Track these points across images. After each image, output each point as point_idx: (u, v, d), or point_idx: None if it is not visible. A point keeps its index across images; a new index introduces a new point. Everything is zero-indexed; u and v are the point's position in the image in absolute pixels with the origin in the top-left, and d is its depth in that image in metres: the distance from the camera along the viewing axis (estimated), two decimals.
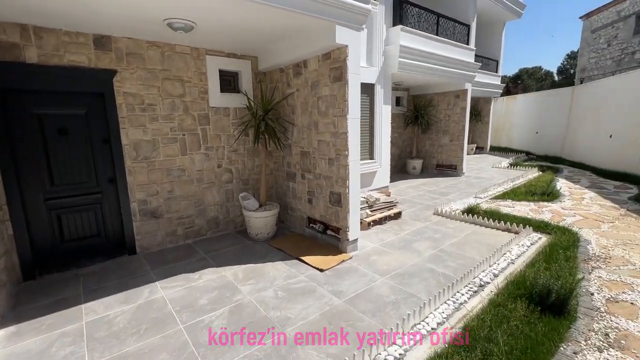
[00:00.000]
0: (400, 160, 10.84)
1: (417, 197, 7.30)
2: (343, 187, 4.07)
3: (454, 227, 5.17)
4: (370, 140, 7.04)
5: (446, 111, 10.02)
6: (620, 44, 16.23)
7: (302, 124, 4.66)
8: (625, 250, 4.04)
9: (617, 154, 9.44)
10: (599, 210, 5.82)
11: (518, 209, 6.05)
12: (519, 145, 16.36)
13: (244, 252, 4.34)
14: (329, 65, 3.99)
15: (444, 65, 8.17)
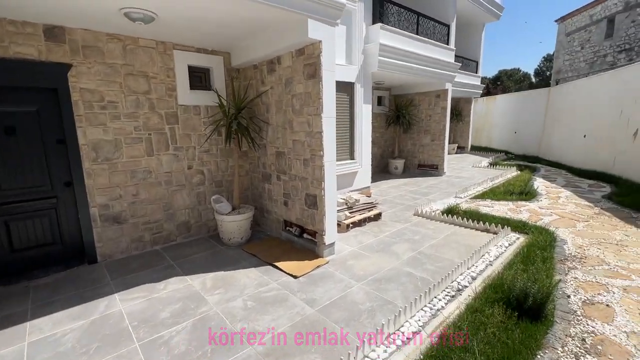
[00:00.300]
0: (383, 160, 10.79)
1: (398, 197, 7.23)
2: (318, 189, 3.90)
3: (434, 228, 5.09)
4: (350, 140, 6.91)
5: (427, 111, 10.03)
6: (592, 47, 16.81)
7: (276, 123, 4.46)
8: (600, 250, 4.05)
9: (590, 153, 9.70)
10: (574, 209, 5.89)
11: (497, 208, 6.06)
12: (498, 144, 16.68)
13: (215, 259, 4.10)
14: (303, 61, 3.81)
15: (425, 64, 8.15)
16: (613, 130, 8.65)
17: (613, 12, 15.41)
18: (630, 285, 3.17)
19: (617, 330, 2.52)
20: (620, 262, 3.71)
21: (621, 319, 2.66)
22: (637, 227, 4.87)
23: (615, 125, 8.56)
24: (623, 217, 5.32)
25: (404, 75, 7.83)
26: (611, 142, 8.71)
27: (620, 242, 4.31)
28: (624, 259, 3.79)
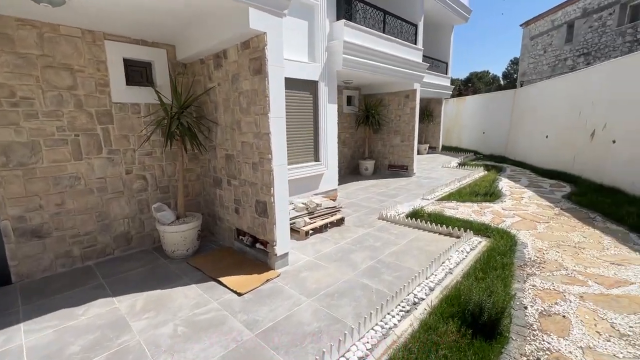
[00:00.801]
0: (353, 161, 10.59)
1: (365, 200, 7.02)
2: (268, 196, 3.56)
3: (397, 233, 4.90)
4: (315, 141, 6.61)
5: (397, 111, 9.93)
6: (554, 51, 17.51)
7: (225, 123, 4.08)
8: (559, 253, 3.99)
9: (552, 153, 9.97)
10: (536, 210, 5.91)
11: (462, 210, 5.97)
12: (468, 144, 17.01)
13: (153, 275, 3.67)
14: (248, 55, 3.46)
15: (392, 64, 8.00)
16: (573, 131, 8.90)
17: (572, 18, 16.10)
18: (587, 292, 3.07)
19: (573, 345, 2.37)
20: (577, 266, 3.64)
21: (577, 331, 2.52)
22: (594, 227, 4.90)
23: (575, 126, 8.81)
24: (581, 218, 5.37)
25: (371, 74, 7.63)
26: (571, 143, 8.96)
27: (578, 244, 4.28)
28: (582, 262, 3.72)
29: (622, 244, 4.25)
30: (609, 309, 2.78)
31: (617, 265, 3.63)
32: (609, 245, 4.22)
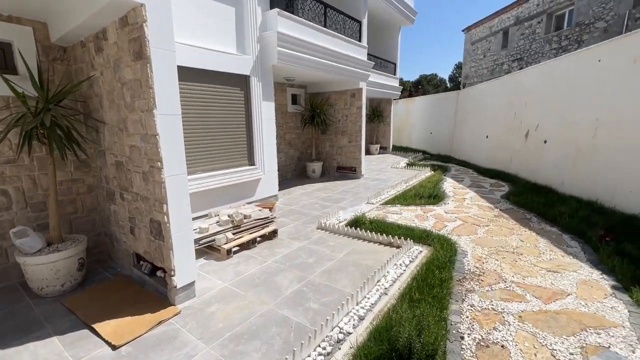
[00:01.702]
0: (300, 163, 10.03)
1: (308, 206, 6.48)
2: (161, 214, 2.83)
3: (334, 245, 4.40)
4: (248, 143, 5.92)
5: (343, 110, 9.56)
6: (492, 56, 18.56)
7: (111, 121, 3.25)
8: (497, 262, 3.76)
9: (492, 153, 10.30)
10: (477, 212, 5.81)
11: (405, 215, 5.68)
12: (417, 144, 17.37)
13: (5, 323, 2.74)
14: (127, 35, 2.70)
15: (335, 60, 7.56)
16: (509, 131, 9.21)
17: (507, 25, 17.15)
18: (525, 309, 2.79)
19: None
20: (516, 276, 3.41)
21: None
22: (530, 229, 4.84)
23: (511, 126, 9.11)
24: (518, 219, 5.33)
25: (312, 71, 7.11)
26: (508, 143, 9.27)
27: (516, 249, 4.12)
28: (520, 271, 3.51)
29: (557, 246, 4.16)
30: (548, 330, 2.49)
31: (553, 272, 3.46)
32: (544, 249, 4.11)
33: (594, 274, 3.40)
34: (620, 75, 5.35)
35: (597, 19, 12.11)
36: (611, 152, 5.48)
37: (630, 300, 2.87)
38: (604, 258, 3.63)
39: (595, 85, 5.89)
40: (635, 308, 2.74)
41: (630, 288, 2.99)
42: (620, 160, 5.28)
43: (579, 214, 5.07)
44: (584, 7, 12.61)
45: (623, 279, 3.16)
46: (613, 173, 5.41)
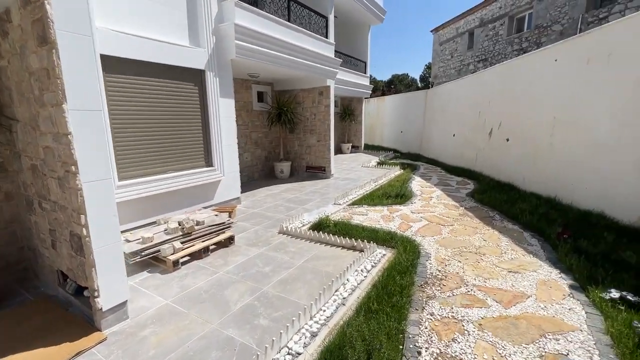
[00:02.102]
0: (268, 163, 9.67)
1: (272, 208, 6.17)
2: (80, 226, 2.42)
3: (295, 251, 4.14)
4: (205, 143, 5.51)
5: (312, 109, 9.31)
6: (459, 56, 19.05)
7: (24, 118, 2.78)
8: (460, 264, 3.66)
9: (459, 151, 10.46)
10: (442, 210, 5.76)
11: (371, 216, 5.51)
12: (388, 143, 17.49)
13: None
14: (30, 15, 2.27)
15: (300, 57, 7.28)
16: (474, 129, 9.37)
17: (472, 27, 17.65)
18: (486, 315, 2.66)
19: None
20: (478, 278, 3.31)
21: None
22: (493, 227, 4.83)
23: (476, 125, 9.27)
24: (482, 217, 5.32)
25: (276, 67, 6.79)
26: (473, 141, 9.43)
27: (479, 249, 4.05)
28: (482, 273, 3.42)
29: (518, 245, 4.14)
30: (508, 339, 2.37)
31: (514, 273, 3.39)
32: (506, 248, 4.07)
33: (552, 273, 3.37)
34: (575, 75, 5.48)
35: (554, 22, 12.67)
36: (567, 149, 5.62)
37: (587, 300, 2.83)
38: (562, 256, 3.62)
39: (552, 84, 6.03)
40: (592, 309, 2.70)
41: (587, 287, 2.95)
42: (576, 158, 5.41)
43: (539, 211, 5.13)
44: (542, 11, 13.16)
45: (580, 278, 3.14)
46: (570, 170, 5.54)
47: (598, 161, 4.97)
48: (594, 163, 5.05)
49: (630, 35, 4.49)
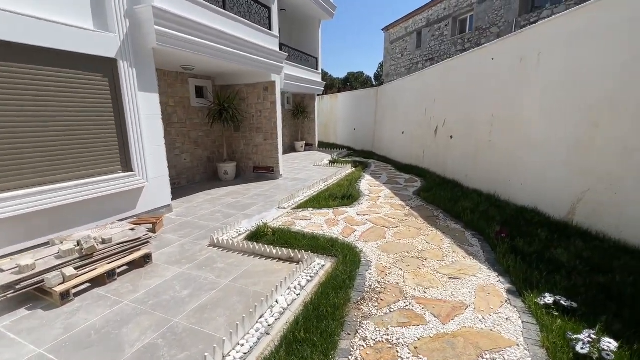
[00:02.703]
0: (211, 164, 8.92)
1: (208, 216, 5.55)
2: None
3: (223, 268, 3.63)
4: (121, 145, 4.74)
5: (257, 105, 8.73)
6: (409, 55, 19.54)
7: None
8: (402, 272, 3.43)
9: (408, 149, 10.57)
10: (388, 211, 5.59)
11: (315, 220, 5.16)
12: (342, 141, 17.41)
13: None
14: None
15: (239, 48, 6.68)
16: (421, 127, 9.47)
17: (420, 27, 18.15)
18: (423, 335, 2.41)
19: None
20: (417, 288, 3.08)
21: None
22: (437, 228, 4.73)
23: (423, 122, 9.37)
24: (426, 217, 5.23)
25: (211, 59, 6.13)
26: (421, 138, 9.54)
27: (421, 253, 3.88)
28: (422, 282, 3.21)
29: (459, 246, 4.05)
30: None
31: (454, 279, 3.23)
32: (448, 250, 3.95)
33: (491, 277, 3.26)
34: (510, 74, 5.59)
35: (492, 25, 13.36)
36: (505, 147, 5.74)
37: (523, 306, 2.72)
38: (499, 257, 3.55)
39: (490, 83, 6.14)
40: (529, 317, 2.57)
41: (523, 292, 2.85)
42: (512, 155, 5.53)
43: (480, 209, 5.16)
44: (482, 14, 13.82)
45: (517, 281, 3.05)
46: (507, 167, 5.66)
47: (531, 158, 5.10)
48: (527, 160, 5.18)
49: (555, 34, 4.61)
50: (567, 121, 4.45)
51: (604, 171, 3.92)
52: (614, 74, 3.80)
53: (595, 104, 4.04)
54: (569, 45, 4.42)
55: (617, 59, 3.76)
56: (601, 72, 3.95)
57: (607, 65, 3.89)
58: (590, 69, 4.10)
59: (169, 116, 7.56)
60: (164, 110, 7.35)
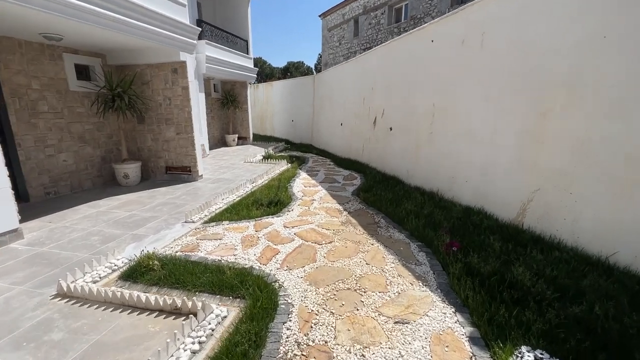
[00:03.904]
0: (106, 165, 7.06)
1: (79, 240, 4.00)
2: None
3: (63, 338, 2.30)
4: None
5: (164, 91, 7.08)
6: (346, 44, 18.92)
7: None
8: (333, 318, 2.49)
9: (347, 141, 9.82)
10: (323, 219, 4.65)
11: (227, 239, 3.99)
12: (280, 133, 16.20)
13: None
14: None
15: (124, 13, 5.04)
16: (360, 118, 8.76)
17: (357, 14, 17.58)
18: None
19: None
20: (353, 349, 2.16)
21: None
22: (378, 239, 3.92)
23: (361, 113, 8.66)
24: (366, 225, 4.41)
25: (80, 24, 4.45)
26: (360, 130, 8.83)
27: (359, 281, 2.99)
28: (360, 336, 2.29)
29: (405, 266, 3.26)
30: None
31: (401, 325, 2.38)
32: (392, 273, 3.13)
33: (447, 314, 2.49)
34: (452, 58, 5.00)
35: (426, 14, 13.24)
36: (447, 140, 5.18)
37: None
38: (453, 282, 2.83)
39: (430, 68, 5.52)
40: None
41: (491, 343, 2.10)
42: (455, 148, 4.99)
43: (424, 212, 4.50)
44: (416, 2, 13.62)
45: (480, 323, 2.30)
46: (450, 162, 5.12)
47: (475, 152, 4.57)
48: (471, 155, 4.65)
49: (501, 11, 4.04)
50: (514, 111, 3.93)
51: (556, 168, 3.44)
52: (567, 55, 3.28)
53: (545, 89, 3.53)
54: (516, 23, 3.86)
55: (570, 37, 3.25)
56: (552, 53, 3.43)
57: (559, 46, 3.37)
58: (541, 50, 3.57)
59: (32, 103, 5.60)
60: (22, 95, 5.43)
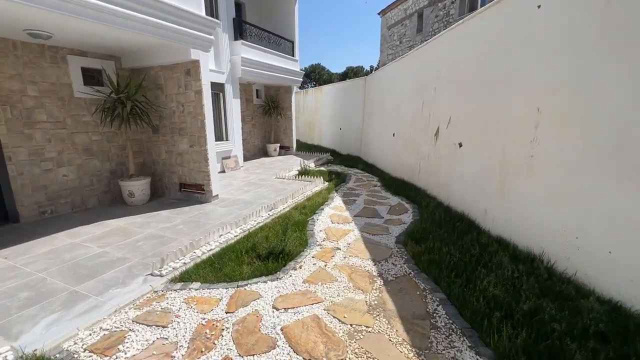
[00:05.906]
0: (115, 180, 6.28)
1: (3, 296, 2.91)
2: None
3: None
4: None
5: (177, 97, 6.06)
6: (408, 41, 16.71)
7: None
8: None
9: (400, 156, 7.82)
10: (341, 295, 2.90)
11: (174, 330, 2.46)
12: (328, 143, 14.69)
13: None
14: None
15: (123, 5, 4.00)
16: (417, 127, 6.73)
17: (421, 7, 15.33)
18: None
19: None
20: None
21: None
22: None
23: (418, 120, 6.63)
24: (412, 319, 2.53)
25: (66, 17, 3.48)
26: (415, 143, 6.80)
27: None
28: None
29: None
30: None
31: None
32: None
33: None
34: (580, 31, 2.85)
35: None
36: (562, 166, 3.01)
37: None
38: None
39: (535, 51, 3.40)
40: None
41: None
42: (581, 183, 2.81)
43: (522, 306, 2.44)
44: None
45: None
46: (567, 206, 2.94)
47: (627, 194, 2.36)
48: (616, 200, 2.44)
49: None
50: None
51: None
52: None
53: None
54: None
55: None
56: None
57: None
58: None
59: (27, 112, 4.94)
60: (15, 102, 4.78)
